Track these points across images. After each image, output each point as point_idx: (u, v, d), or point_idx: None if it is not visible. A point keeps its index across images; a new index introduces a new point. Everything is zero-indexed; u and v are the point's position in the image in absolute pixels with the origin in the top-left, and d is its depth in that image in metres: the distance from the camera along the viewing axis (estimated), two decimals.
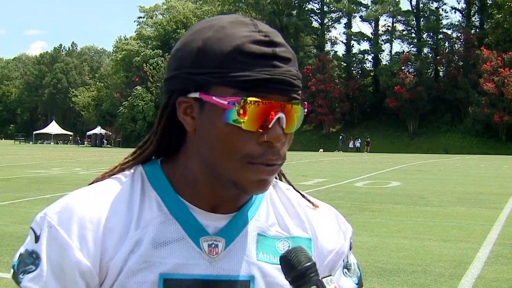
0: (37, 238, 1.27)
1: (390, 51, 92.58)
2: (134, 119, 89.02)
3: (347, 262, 1.48)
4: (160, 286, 1.26)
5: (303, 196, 1.49)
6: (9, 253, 9.59)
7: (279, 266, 1.25)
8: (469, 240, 11.41)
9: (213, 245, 1.31)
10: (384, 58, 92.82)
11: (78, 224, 1.26)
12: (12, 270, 1.30)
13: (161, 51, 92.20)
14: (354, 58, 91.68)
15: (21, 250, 1.30)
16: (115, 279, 1.26)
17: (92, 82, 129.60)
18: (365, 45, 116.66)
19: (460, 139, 74.07)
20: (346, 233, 1.49)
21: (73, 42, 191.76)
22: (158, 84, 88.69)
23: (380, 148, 71.69)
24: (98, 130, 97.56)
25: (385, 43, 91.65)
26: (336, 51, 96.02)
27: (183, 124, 1.29)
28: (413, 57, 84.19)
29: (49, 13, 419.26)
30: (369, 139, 75.21)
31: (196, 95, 1.24)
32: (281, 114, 1.20)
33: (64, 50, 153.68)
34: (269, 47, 1.20)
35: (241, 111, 1.18)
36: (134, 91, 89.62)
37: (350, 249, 1.49)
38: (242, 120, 1.18)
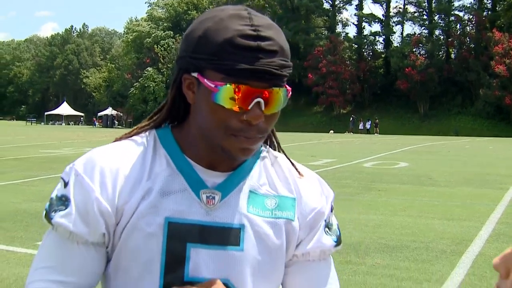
0: (66, 185, 1.53)
1: (402, 33, 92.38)
2: (145, 100, 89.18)
3: (329, 222, 1.71)
4: (165, 227, 1.51)
5: (292, 164, 1.72)
6: (23, 229, 9.85)
7: (267, 219, 1.56)
8: (473, 219, 11.59)
9: (211, 197, 1.55)
10: (395, 40, 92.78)
11: (99, 173, 1.51)
12: (44, 212, 1.56)
13: (172, 33, 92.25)
14: (365, 40, 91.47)
15: (52, 195, 1.56)
16: (128, 220, 1.51)
17: (103, 63, 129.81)
18: (376, 27, 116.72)
19: (471, 122, 73.95)
20: (328, 197, 1.72)
21: (84, 24, 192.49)
22: (169, 65, 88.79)
23: (390, 130, 71.68)
24: (109, 111, 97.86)
25: (396, 25, 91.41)
26: (347, 33, 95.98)
27: (186, 97, 1.55)
28: (424, 39, 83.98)
29: None
30: (377, 120, 75.13)
31: (195, 75, 1.48)
32: (259, 99, 1.43)
33: (75, 31, 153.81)
34: (255, 41, 1.40)
35: (225, 94, 1.42)
36: (145, 72, 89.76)
37: (332, 211, 1.73)
38: (225, 102, 1.43)
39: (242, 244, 1.55)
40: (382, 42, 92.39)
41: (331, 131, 72.20)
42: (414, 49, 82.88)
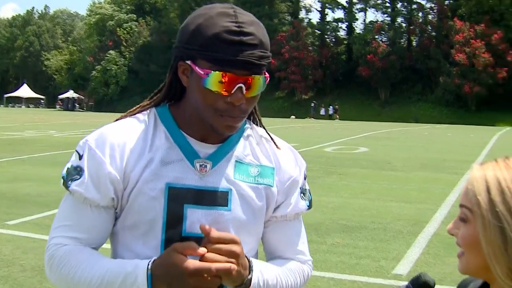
0: (80, 157, 1.86)
1: (364, 20, 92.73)
2: (106, 83, 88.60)
3: (303, 188, 2.07)
4: (165, 191, 1.84)
5: (271, 137, 2.05)
6: None
7: (250, 184, 1.92)
8: (428, 202, 12.06)
9: (203, 166, 1.89)
10: (358, 27, 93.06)
11: (109, 147, 1.84)
12: (62, 180, 1.89)
13: (135, 16, 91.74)
14: (328, 26, 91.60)
15: (68, 165, 1.89)
16: (134, 185, 1.84)
17: (65, 45, 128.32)
18: (339, 13, 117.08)
19: (430, 109, 74.75)
20: (301, 167, 2.07)
21: (45, 5, 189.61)
22: (131, 48, 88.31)
23: (351, 116, 72.21)
24: (70, 94, 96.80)
25: (359, 12, 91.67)
26: (310, 19, 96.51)
27: (181, 81, 1.86)
28: (386, 26, 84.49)
29: None
30: (337, 106, 75.58)
31: (189, 62, 1.79)
32: (240, 85, 1.74)
33: (36, 13, 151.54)
34: (238, 36, 1.71)
35: (213, 80, 1.73)
36: (107, 55, 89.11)
37: (305, 179, 2.08)
38: (212, 86, 1.74)
39: (230, 205, 1.89)
40: (345, 28, 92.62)
41: (293, 116, 72.37)
42: (376, 36, 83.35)
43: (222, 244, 1.75)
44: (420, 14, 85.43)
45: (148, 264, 1.75)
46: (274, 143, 2.05)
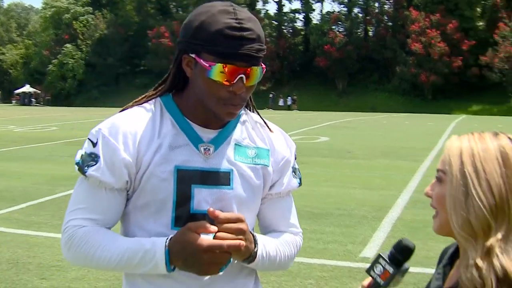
0: (94, 144, 2.03)
1: (321, 11, 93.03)
2: (63, 77, 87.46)
3: (295, 167, 2.31)
4: (174, 173, 2.03)
5: (265, 122, 2.26)
6: None
7: (249, 165, 2.13)
8: (391, 188, 12.37)
9: (207, 149, 2.09)
10: (315, 17, 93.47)
11: (122, 135, 2.02)
12: (76, 166, 2.06)
13: (91, 8, 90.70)
14: (285, 17, 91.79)
15: (82, 152, 2.06)
16: (146, 169, 2.03)
17: (20, 39, 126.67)
18: (296, 4, 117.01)
19: (387, 98, 75.43)
20: (291, 148, 2.30)
21: None
22: (88, 42, 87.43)
23: (309, 106, 72.51)
24: (26, 88, 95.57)
25: (316, 3, 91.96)
26: (268, 10, 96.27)
27: (185, 72, 2.06)
28: (343, 16, 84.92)
29: None
30: (295, 96, 75.87)
31: (193, 55, 1.98)
32: (241, 75, 1.95)
33: None
34: (239, 32, 1.91)
35: (216, 71, 1.93)
36: (64, 49, 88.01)
37: (295, 159, 2.31)
38: (216, 77, 1.94)
39: (232, 184, 2.10)
40: (302, 19, 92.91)
41: None
42: (333, 27, 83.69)
43: (230, 223, 1.96)
44: (376, 4, 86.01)
45: (166, 241, 1.95)
46: (268, 127, 2.25)
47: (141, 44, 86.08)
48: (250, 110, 2.27)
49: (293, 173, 2.29)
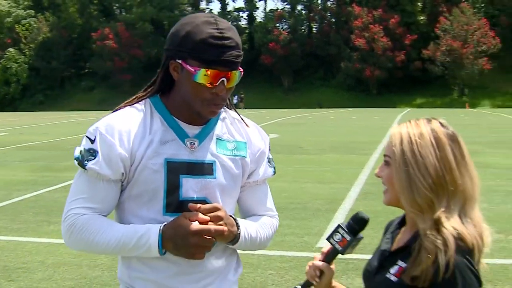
0: (92, 141, 2.27)
1: (265, 9, 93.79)
2: (7, 82, 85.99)
3: (269, 158, 2.57)
4: (165, 165, 2.28)
5: (241, 118, 2.51)
6: None
7: (229, 156, 2.38)
8: (342, 181, 12.71)
9: (192, 143, 2.34)
10: (259, 15, 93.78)
11: (117, 132, 2.26)
12: (76, 161, 2.29)
13: (33, 11, 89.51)
14: (229, 16, 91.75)
15: (80, 149, 2.29)
16: (139, 162, 2.27)
17: None
18: (240, 3, 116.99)
19: (333, 94, 76.22)
20: (266, 141, 2.56)
21: None
22: (31, 45, 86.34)
23: (255, 104, 72.68)
24: None
25: (259, 1, 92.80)
26: (211, 9, 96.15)
27: (172, 76, 2.29)
28: (287, 14, 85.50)
29: None
30: (242, 95, 75.99)
31: (180, 61, 2.22)
32: (223, 78, 2.20)
33: None
34: (220, 40, 2.16)
35: (201, 75, 2.17)
36: (7, 53, 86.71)
37: (269, 150, 2.58)
38: (201, 80, 2.18)
39: (215, 174, 2.35)
40: (246, 18, 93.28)
41: None
42: (277, 25, 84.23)
43: (210, 213, 2.24)
44: (319, 1, 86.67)
45: (160, 227, 2.21)
46: (244, 122, 2.51)
47: (85, 47, 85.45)
48: (228, 108, 2.51)
49: (268, 163, 2.55)
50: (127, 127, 2.27)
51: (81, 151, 2.28)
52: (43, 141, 24.88)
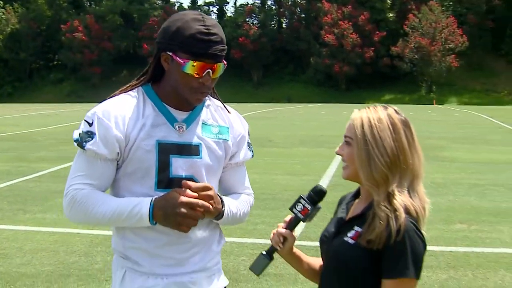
0: (90, 124, 2.50)
1: (235, 3, 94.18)
2: None
3: (249, 142, 2.85)
4: (156, 146, 2.53)
5: (224, 105, 2.78)
6: None
7: (213, 139, 2.64)
8: (311, 174, 13.02)
9: (180, 127, 2.58)
10: (229, 10, 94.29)
11: (113, 116, 2.50)
12: (75, 143, 2.52)
13: (1, 3, 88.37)
14: (200, 10, 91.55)
15: (79, 131, 2.52)
16: (133, 143, 2.52)
17: None
18: None
19: (303, 89, 76.60)
20: (245, 126, 2.84)
21: None
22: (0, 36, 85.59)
23: (225, 98, 68.67)
24: None
25: None
26: (182, 3, 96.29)
27: (163, 66, 2.54)
28: (257, 9, 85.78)
29: None
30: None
31: (170, 53, 2.47)
32: (209, 70, 2.46)
33: None
34: (207, 36, 2.42)
35: (189, 66, 2.43)
36: None
37: (249, 135, 2.86)
38: (189, 70, 2.44)
39: (201, 154, 2.60)
40: (216, 12, 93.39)
41: None
42: (247, 19, 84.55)
43: (201, 192, 2.50)
44: None
45: (152, 199, 2.46)
46: (226, 109, 2.76)
47: (55, 39, 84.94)
48: (212, 97, 2.77)
49: (248, 146, 2.82)
50: (122, 112, 2.51)
51: (80, 133, 2.50)
52: (14, 132, 24.88)
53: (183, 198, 2.43)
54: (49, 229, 8.23)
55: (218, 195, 2.60)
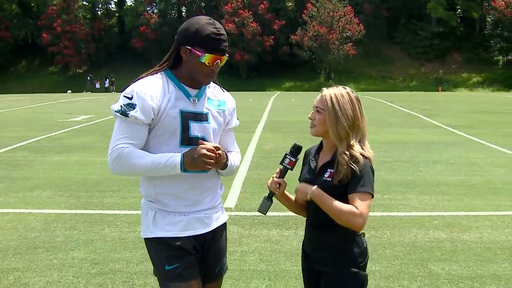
0: (130, 98, 3.25)
1: None
2: None
3: (236, 113, 3.70)
4: (179, 114, 3.33)
5: (220, 86, 3.60)
6: None
7: (216, 110, 3.48)
8: None
9: (194, 100, 3.41)
10: None
11: (148, 92, 3.28)
12: (117, 113, 3.27)
13: None
14: None
15: (120, 104, 3.28)
16: (163, 111, 3.30)
17: None
18: None
19: None
20: (233, 102, 3.67)
21: None
22: None
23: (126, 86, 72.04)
24: None
25: None
26: None
27: (182, 56, 3.35)
28: None
29: None
30: (113, 78, 74.86)
31: (189, 48, 3.29)
32: (218, 60, 3.31)
33: None
34: (218, 36, 3.25)
35: (205, 58, 3.25)
36: None
37: (235, 108, 3.70)
38: (205, 60, 3.27)
39: (209, 120, 3.45)
40: (116, 1, 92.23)
41: (69, 91, 69.97)
42: (147, 8, 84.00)
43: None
44: None
45: (182, 153, 3.26)
46: (221, 88, 3.61)
47: None
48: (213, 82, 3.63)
49: (236, 116, 3.72)
50: (153, 89, 3.27)
51: (121, 105, 3.25)
52: None
53: (205, 146, 3.24)
54: (1, 210, 8.74)
55: (224, 151, 3.41)
